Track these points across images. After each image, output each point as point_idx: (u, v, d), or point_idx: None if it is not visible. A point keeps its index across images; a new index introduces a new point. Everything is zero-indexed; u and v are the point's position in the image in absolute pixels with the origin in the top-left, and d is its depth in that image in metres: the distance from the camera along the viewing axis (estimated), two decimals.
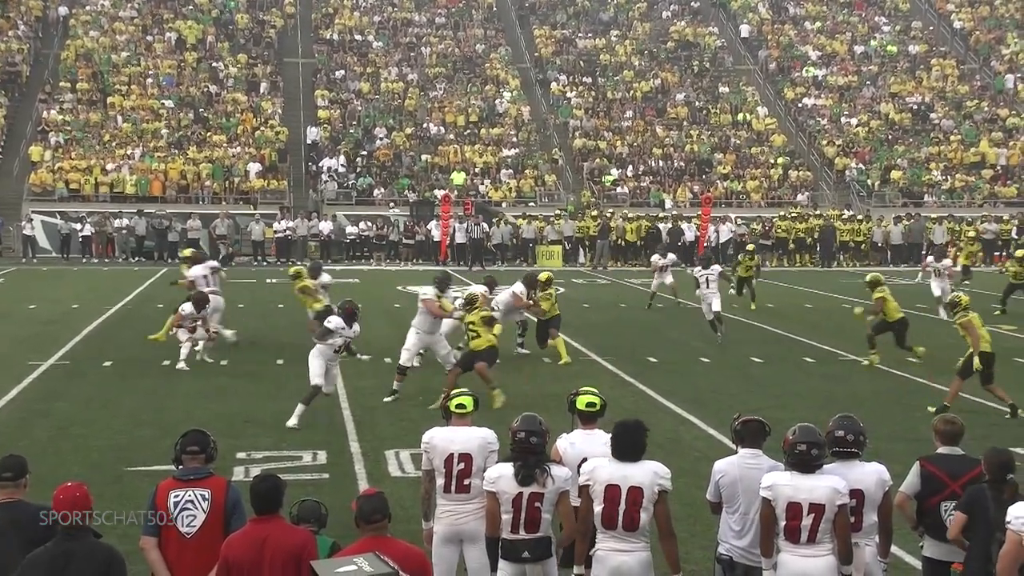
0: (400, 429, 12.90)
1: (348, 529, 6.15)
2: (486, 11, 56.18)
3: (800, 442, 6.60)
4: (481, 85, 49.38)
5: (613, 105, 49.05)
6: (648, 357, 18.70)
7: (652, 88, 50.46)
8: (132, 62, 47.46)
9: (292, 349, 19.03)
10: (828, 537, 6.50)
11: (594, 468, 6.70)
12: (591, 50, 53.16)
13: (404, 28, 53.68)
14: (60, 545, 5.82)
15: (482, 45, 52.84)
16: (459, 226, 37.77)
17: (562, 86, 50.06)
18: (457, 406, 7.54)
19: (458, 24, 54.43)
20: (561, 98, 49.32)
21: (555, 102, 49.24)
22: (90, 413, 14.16)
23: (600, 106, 48.91)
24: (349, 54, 50.77)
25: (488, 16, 55.89)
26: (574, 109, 48.39)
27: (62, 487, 5.98)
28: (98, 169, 40.39)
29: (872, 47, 54.62)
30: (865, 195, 44.48)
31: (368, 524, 5.84)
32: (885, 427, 12.62)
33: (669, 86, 50.82)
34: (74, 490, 5.94)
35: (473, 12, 55.79)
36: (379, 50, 51.50)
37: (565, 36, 54.26)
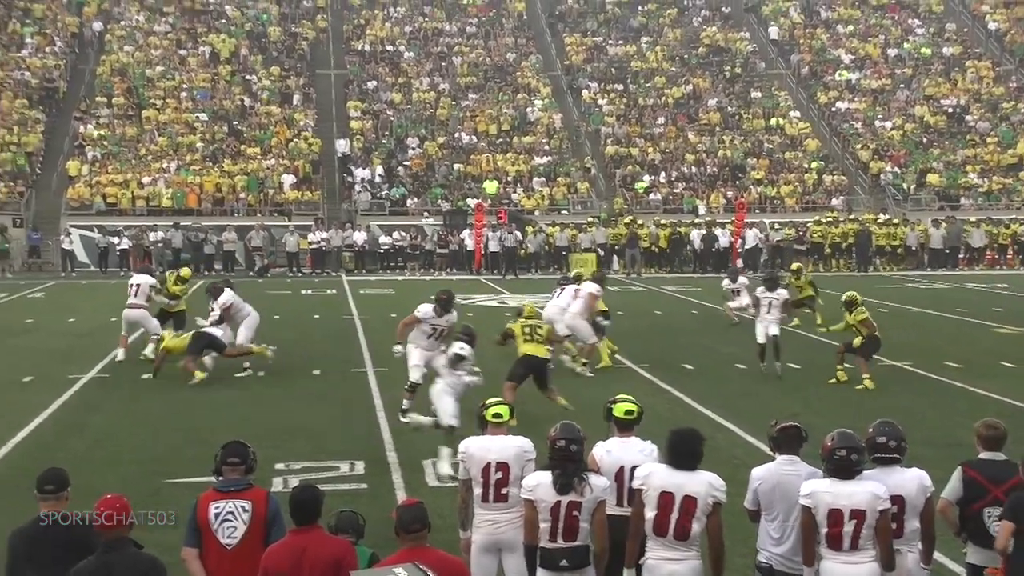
0: (437, 439, 12.88)
1: (386, 539, 6.16)
2: (516, 20, 56.28)
3: (840, 447, 6.56)
4: (512, 93, 49.45)
5: (645, 112, 48.96)
6: (683, 364, 18.63)
7: (684, 94, 50.34)
8: (167, 76, 47.93)
9: (328, 360, 19.14)
10: (871, 544, 6.45)
11: (649, 473, 6.68)
12: (622, 57, 53.11)
13: (435, 38, 53.87)
14: (101, 557, 5.86)
15: (513, 54, 52.93)
16: (492, 235, 37.81)
17: (593, 93, 50.04)
18: (493, 415, 7.53)
19: (489, 33, 54.56)
20: (592, 105, 49.30)
21: (586, 109, 49.24)
22: (128, 425, 14.27)
23: (632, 113, 48.84)
24: (381, 65, 51.01)
25: (518, 25, 55.99)
26: (606, 116, 48.36)
27: (103, 499, 6.02)
28: (135, 183, 40.77)
29: (906, 50, 54.22)
30: (901, 199, 44.13)
31: (408, 534, 5.84)
32: (922, 432, 12.49)
33: (701, 92, 50.68)
34: (114, 502, 5.98)
35: (503, 21, 55.91)
36: (410, 60, 51.71)
37: (596, 43, 54.24)
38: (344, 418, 14.58)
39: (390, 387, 16.56)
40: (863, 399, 15.07)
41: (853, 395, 15.82)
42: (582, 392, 15.50)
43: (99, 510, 5.94)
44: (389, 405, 15.22)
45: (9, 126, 43.26)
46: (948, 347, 20.22)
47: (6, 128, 43.10)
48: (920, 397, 15.80)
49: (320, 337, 22.10)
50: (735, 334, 22.42)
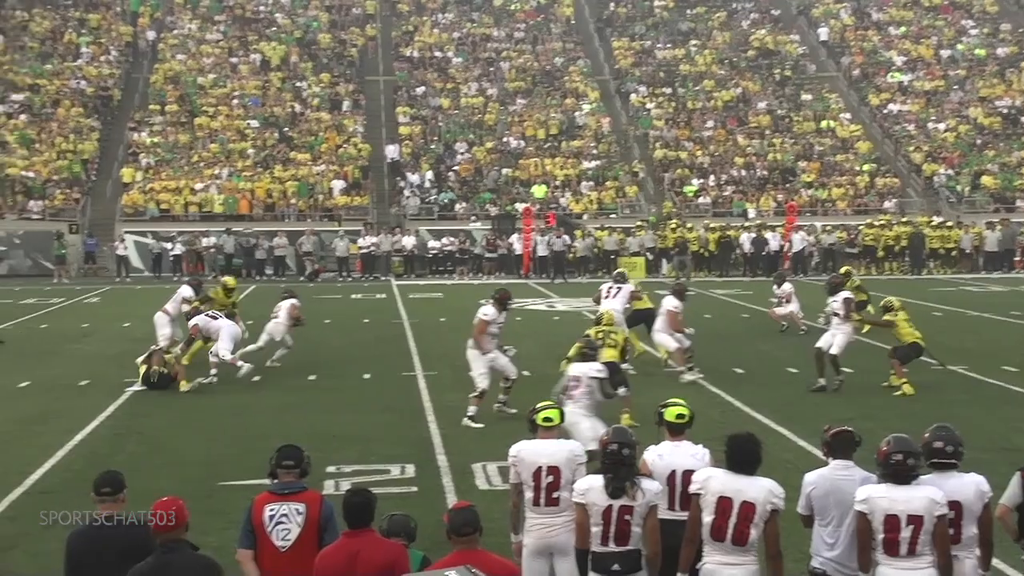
0: (487, 442, 12.93)
1: (437, 542, 6.18)
2: (564, 24, 56.27)
3: (896, 452, 6.49)
4: (560, 98, 49.45)
5: (693, 115, 48.74)
6: (734, 368, 18.51)
7: (733, 97, 50.05)
8: (218, 84, 48.47)
9: (377, 363, 19.24)
10: (928, 549, 6.37)
11: (708, 478, 6.65)
12: (670, 60, 52.92)
13: (483, 43, 54.00)
14: (159, 559, 5.93)
15: (561, 58, 52.92)
16: (541, 239, 37.82)
17: (642, 97, 49.90)
18: (544, 419, 7.55)
19: (537, 38, 54.60)
20: (641, 109, 49.16)
21: (635, 113, 49.10)
22: (181, 429, 14.43)
23: (680, 116, 48.65)
24: (429, 71, 51.23)
25: (566, 29, 55.98)
26: (654, 120, 48.20)
27: (159, 502, 6.10)
28: (187, 189, 41.25)
29: (959, 50, 53.51)
30: (955, 201, 43.55)
31: (459, 537, 5.86)
32: (979, 437, 12.31)
33: (750, 95, 50.36)
34: (170, 504, 6.05)
35: (551, 26, 55.93)
36: (459, 66, 51.87)
37: (644, 47, 54.09)
38: (394, 422, 14.64)
39: (439, 391, 16.65)
40: (918, 404, 14.88)
41: (908, 400, 15.63)
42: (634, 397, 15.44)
43: (155, 511, 6.01)
44: (439, 409, 15.29)
45: (65, 134, 43.97)
46: (1004, 351, 19.92)
47: (63, 136, 43.81)
48: (976, 402, 15.58)
49: (370, 341, 22.21)
50: (786, 338, 22.26)
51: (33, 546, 9.27)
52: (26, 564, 9.13)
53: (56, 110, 45.35)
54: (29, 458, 12.71)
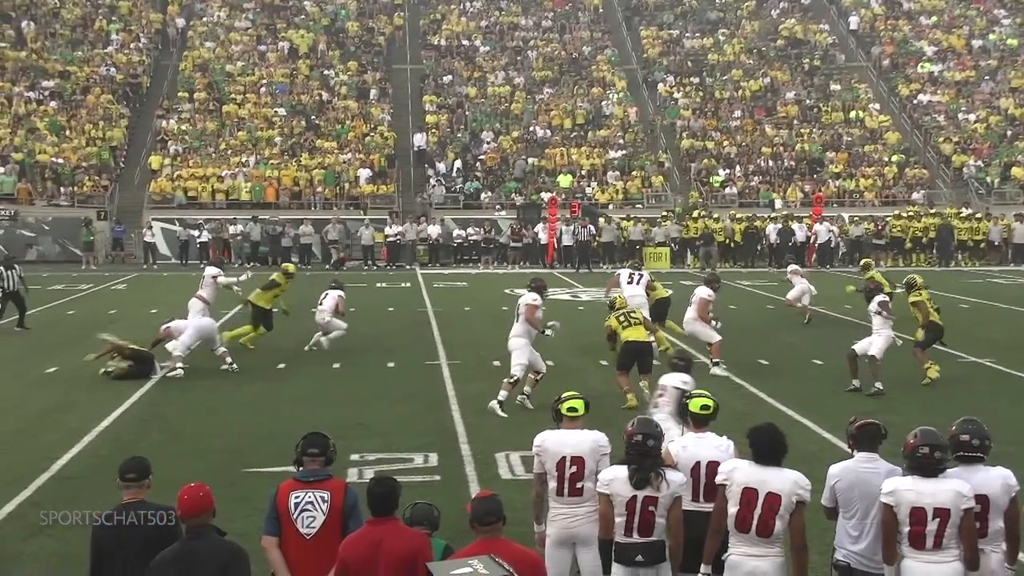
0: (510, 432, 12.94)
1: (460, 531, 6.18)
2: (592, 13, 56.09)
3: (923, 445, 6.45)
4: (587, 87, 49.31)
5: (721, 105, 48.51)
6: (759, 359, 18.44)
7: (761, 87, 49.77)
8: (246, 71, 48.62)
9: (402, 352, 19.28)
10: (954, 543, 6.34)
11: (733, 469, 6.65)
12: (698, 50, 52.68)
13: (510, 32, 53.91)
14: (186, 545, 5.98)
15: (588, 47, 52.77)
16: (566, 228, 37.78)
17: (669, 87, 49.70)
18: (568, 409, 7.55)
19: (564, 27, 54.46)
20: (668, 99, 48.98)
21: (662, 103, 48.92)
22: (205, 416, 14.51)
23: (708, 106, 48.43)
24: (456, 59, 51.19)
25: (594, 18, 55.81)
26: (681, 110, 48.00)
27: (185, 488, 6.13)
28: (214, 177, 41.44)
29: (991, 41, 52.98)
30: (984, 192, 43.17)
31: (482, 526, 5.86)
32: (1006, 431, 12.20)
33: (779, 84, 50.06)
34: (196, 491, 6.09)
35: (579, 14, 55.77)
36: (486, 54, 51.82)
37: (672, 36, 53.86)
38: (418, 410, 14.67)
39: (463, 380, 16.67)
40: (944, 397, 14.76)
41: (933, 393, 15.53)
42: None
43: (181, 498, 6.05)
44: (462, 398, 15.31)
45: (95, 121, 44.25)
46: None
47: (92, 123, 44.09)
48: (1004, 395, 15.46)
49: (394, 330, 22.26)
50: (810, 330, 22.15)
51: (59, 532, 9.34)
52: (53, 549, 9.20)
53: (86, 97, 45.64)
54: (55, 444, 12.82)
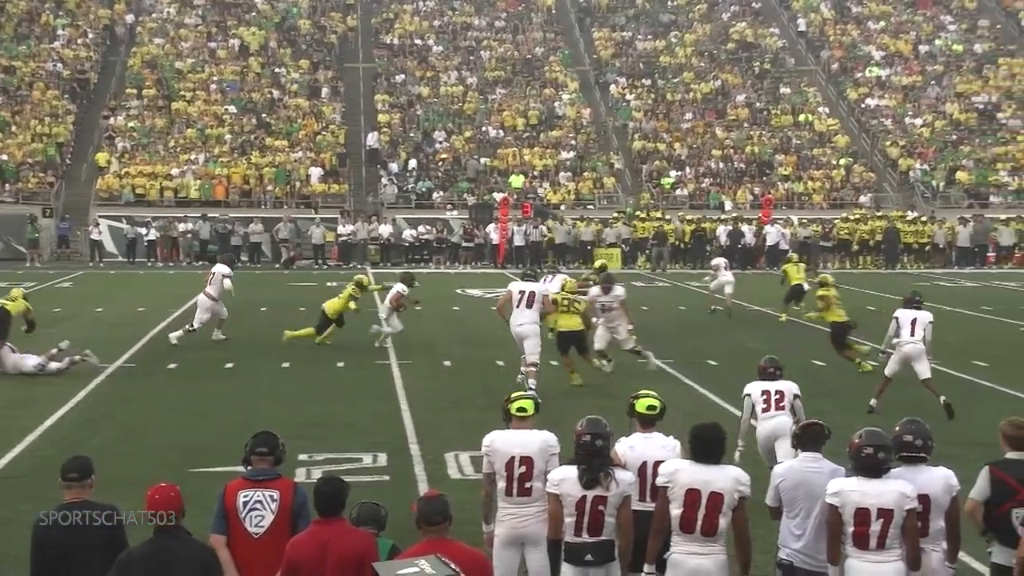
0: (460, 432, 12.93)
1: (409, 531, 6.17)
2: (545, 14, 56.19)
3: (867, 446, 6.53)
4: (540, 88, 49.40)
5: (673, 107, 48.80)
6: (708, 360, 18.58)
7: (712, 90, 50.13)
8: (196, 69, 48.16)
9: (352, 351, 19.20)
10: (897, 543, 6.43)
11: (675, 471, 6.67)
12: (650, 52, 52.95)
13: (463, 32, 53.87)
14: (157, 543, 5.95)
15: (541, 48, 52.87)
16: (517, 229, 37.83)
17: (621, 88, 49.91)
18: (518, 409, 7.52)
19: (517, 27, 54.51)
20: (620, 100, 49.19)
21: (614, 104, 49.13)
22: (155, 415, 14.38)
23: (659, 108, 48.69)
24: (409, 58, 51.06)
25: (547, 19, 55.91)
26: (633, 111, 48.23)
27: (156, 487, 6.14)
28: (163, 174, 41.02)
29: (937, 46, 53.78)
30: (930, 196, 43.82)
31: (429, 526, 5.86)
32: (950, 432, 12.40)
33: (729, 87, 50.46)
34: (167, 491, 6.09)
35: (532, 15, 55.84)
36: (438, 54, 51.74)
37: (624, 38, 54.09)
38: (367, 410, 14.63)
39: (414, 380, 16.65)
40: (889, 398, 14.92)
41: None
42: (606, 387, 15.50)
43: (152, 498, 6.05)
44: (413, 398, 15.28)
45: (40, 117, 43.62)
46: (976, 346, 20.06)
47: (37, 119, 43.46)
48: (948, 396, 15.66)
49: (345, 329, 22.12)
50: (760, 330, 22.35)
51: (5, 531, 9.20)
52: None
53: (31, 92, 44.96)
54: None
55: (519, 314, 15.43)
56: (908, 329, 14.85)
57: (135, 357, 18.77)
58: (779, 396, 10.38)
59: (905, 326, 14.89)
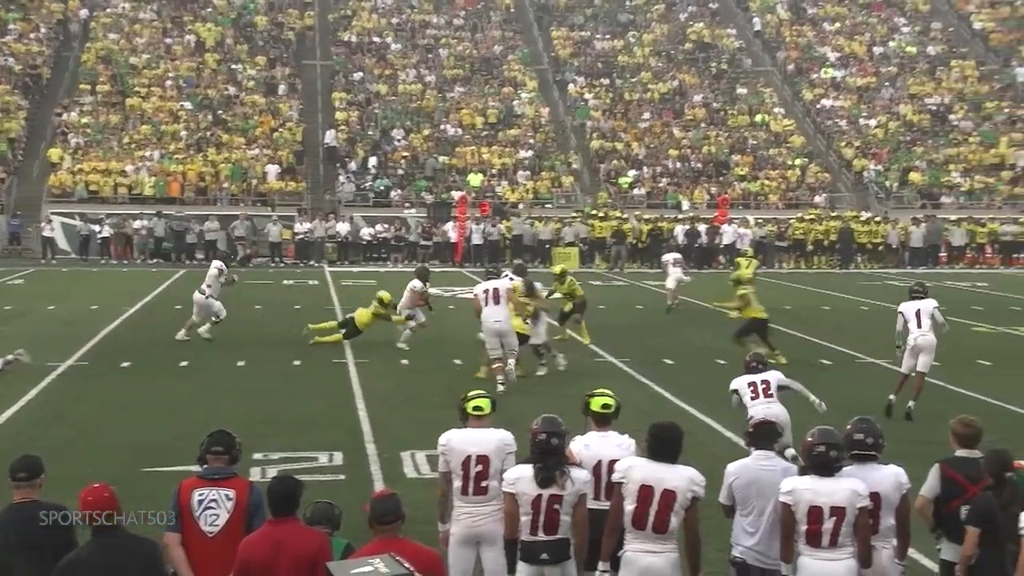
0: (416, 431, 12.92)
1: (364, 531, 6.16)
2: (504, 12, 56.18)
3: (819, 444, 6.60)
4: (499, 86, 49.39)
5: (630, 106, 48.98)
6: (664, 359, 18.68)
7: (670, 89, 50.36)
8: (151, 64, 47.68)
9: (309, 350, 19.11)
10: (849, 540, 6.49)
11: (630, 467, 6.70)
12: (609, 51, 53.11)
13: (422, 30, 53.75)
14: (97, 544, 5.90)
15: (500, 46, 52.86)
16: (476, 227, 37.83)
17: (580, 87, 50.03)
18: (474, 408, 7.52)
19: (476, 26, 54.46)
20: (579, 99, 49.30)
21: (572, 103, 49.22)
22: (108, 414, 14.24)
23: (617, 107, 48.86)
24: (367, 56, 50.87)
25: (506, 18, 55.90)
26: (591, 110, 48.36)
27: (89, 488, 6.05)
28: (117, 171, 40.60)
29: (891, 48, 54.39)
30: (883, 197, 44.31)
31: (381, 525, 5.86)
32: (899, 429, 12.56)
33: (687, 87, 50.72)
34: (101, 491, 6.01)
35: (491, 14, 55.80)
36: (397, 52, 51.58)
37: (583, 37, 54.21)
38: (324, 409, 14.57)
39: (370, 378, 16.61)
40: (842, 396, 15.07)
41: (832, 392, 15.85)
42: (563, 387, 15.54)
43: (85, 499, 5.96)
44: (369, 396, 15.24)
45: None
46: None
47: None
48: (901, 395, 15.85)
49: (301, 328, 22.02)
50: (716, 329, 22.47)
51: None
52: None
53: None
54: None
55: (490, 312, 15.59)
56: (915, 322, 14.80)
57: (88, 355, 18.57)
58: (765, 385, 10.83)
59: (912, 319, 14.83)
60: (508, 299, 15.73)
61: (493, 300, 15.62)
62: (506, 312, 15.66)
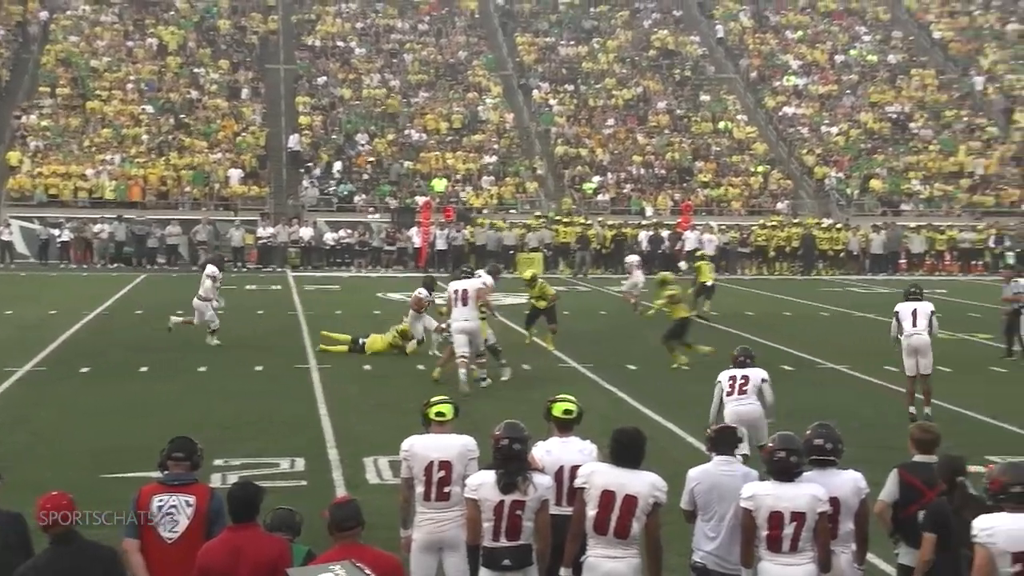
0: (379, 436, 12.88)
1: (325, 537, 6.14)
2: (468, 18, 56.20)
3: (779, 449, 6.63)
4: (463, 92, 49.39)
5: (595, 113, 49.13)
6: (628, 365, 18.73)
7: (634, 96, 50.56)
8: (113, 67, 47.28)
9: (271, 355, 19.02)
10: (809, 545, 6.53)
11: (592, 472, 6.71)
12: (573, 57, 53.25)
13: (386, 35, 53.65)
14: (56, 551, 5.85)
15: (464, 52, 52.86)
16: (440, 232, 37.80)
17: (544, 93, 50.12)
18: (436, 413, 7.51)
19: (440, 31, 54.43)
20: (543, 105, 49.38)
21: (537, 109, 49.30)
22: (67, 419, 14.09)
23: (582, 114, 48.99)
24: (331, 60, 50.70)
25: (471, 23, 55.92)
26: (556, 116, 48.45)
27: (46, 496, 6.00)
28: (77, 174, 40.22)
29: (852, 56, 54.91)
30: (844, 204, 44.70)
31: (341, 532, 5.84)
32: (860, 435, 12.66)
33: (651, 94, 50.94)
34: (59, 498, 5.97)
35: (456, 19, 55.80)
36: (361, 56, 51.46)
37: (547, 43, 54.32)
38: (286, 415, 14.49)
39: (333, 384, 16.53)
40: (802, 402, 15.20)
41: (793, 397, 15.96)
42: (526, 392, 15.55)
43: (43, 506, 5.90)
44: (332, 402, 15.17)
45: None
46: (886, 351, 20.45)
47: None
48: (858, 399, 16.02)
49: (264, 333, 21.94)
50: None
51: None
52: None
53: None
54: None
55: (458, 312, 15.97)
56: (910, 321, 14.80)
57: (47, 360, 18.38)
58: (743, 381, 11.12)
59: (906, 318, 14.83)
60: (478, 299, 16.04)
61: (462, 301, 15.94)
62: (475, 312, 15.97)
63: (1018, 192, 45.39)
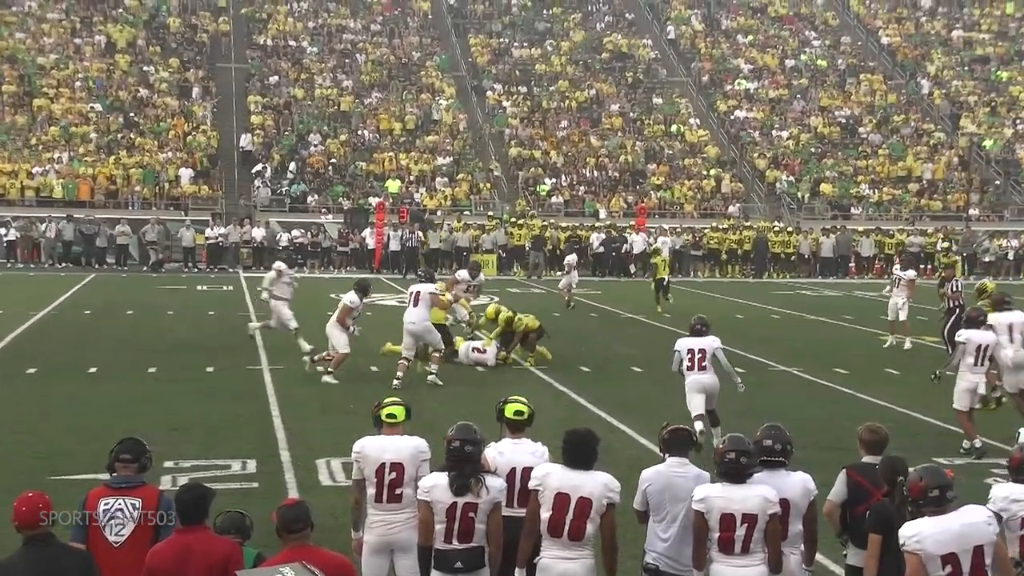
0: (331, 438, 12.80)
1: (276, 540, 6.10)
2: (422, 19, 56.13)
3: (729, 451, 6.66)
4: (416, 93, 49.30)
5: (548, 115, 49.24)
6: (580, 366, 18.77)
7: (587, 98, 50.74)
8: (60, 65, 46.67)
9: (222, 356, 18.85)
10: (760, 547, 6.56)
11: (546, 474, 6.71)
12: (526, 59, 53.33)
13: (339, 34, 53.43)
14: (33, 553, 5.79)
15: (417, 53, 52.78)
16: (393, 234, 37.70)
17: (497, 95, 50.16)
18: (388, 415, 7.48)
19: (393, 31, 54.31)
20: (497, 107, 49.41)
21: (490, 111, 49.32)
22: (14, 420, 13.86)
23: (535, 116, 49.08)
24: (283, 60, 50.39)
25: (424, 24, 55.84)
26: (509, 118, 48.50)
27: (23, 497, 5.97)
28: (24, 173, 39.66)
29: (802, 61, 55.49)
30: (795, 207, 45.14)
31: (290, 534, 5.81)
32: (808, 436, 12.77)
33: (604, 96, 51.14)
34: (36, 500, 5.94)
35: (408, 20, 55.70)
36: (313, 56, 51.20)
37: (501, 45, 54.37)
38: (237, 416, 14.36)
39: (286, 385, 16.42)
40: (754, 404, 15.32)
41: (744, 399, 16.09)
42: (480, 393, 15.53)
43: (19, 508, 5.88)
44: (284, 403, 15.07)
45: None
46: (836, 353, 20.71)
47: None
48: (808, 401, 16.16)
49: (215, 334, 21.74)
50: (632, 336, 22.69)
51: None
52: None
53: None
54: None
55: (407, 314, 16.60)
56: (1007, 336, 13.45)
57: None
58: (701, 355, 12.35)
59: (1003, 332, 13.40)
60: (431, 303, 16.55)
61: (413, 303, 16.54)
62: (423, 314, 16.42)
63: (965, 197, 46.10)
